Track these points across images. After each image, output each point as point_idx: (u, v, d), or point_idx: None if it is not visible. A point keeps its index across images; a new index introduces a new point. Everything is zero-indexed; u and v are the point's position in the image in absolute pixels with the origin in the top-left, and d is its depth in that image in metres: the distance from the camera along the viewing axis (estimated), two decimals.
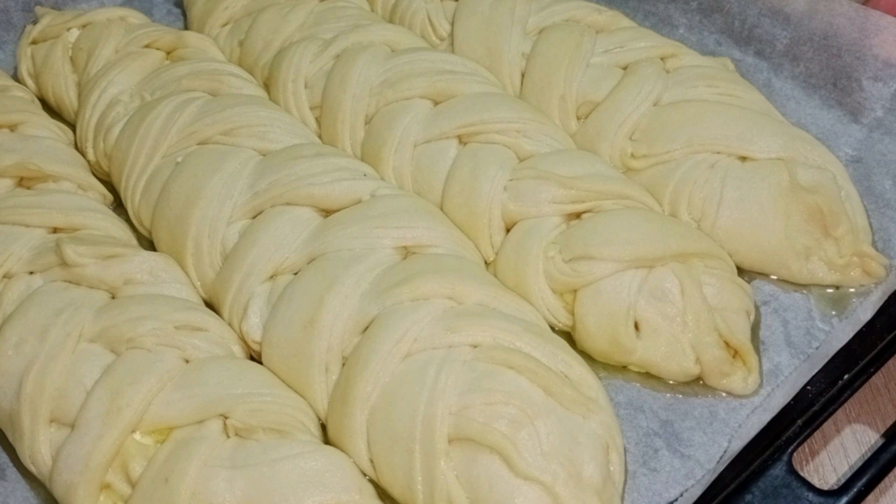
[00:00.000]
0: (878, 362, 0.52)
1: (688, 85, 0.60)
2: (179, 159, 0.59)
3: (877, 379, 0.56)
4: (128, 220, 0.61)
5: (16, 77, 0.72)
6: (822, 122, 0.63)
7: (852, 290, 0.54)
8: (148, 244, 0.60)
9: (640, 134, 0.59)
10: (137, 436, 0.46)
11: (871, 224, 0.56)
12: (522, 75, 0.65)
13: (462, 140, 0.58)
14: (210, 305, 0.55)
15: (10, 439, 0.49)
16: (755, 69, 0.67)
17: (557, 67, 0.62)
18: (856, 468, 0.48)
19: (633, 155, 0.59)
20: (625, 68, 0.62)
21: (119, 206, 0.62)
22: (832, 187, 0.55)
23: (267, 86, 0.68)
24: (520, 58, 0.65)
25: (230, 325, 0.53)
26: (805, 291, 0.54)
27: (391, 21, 0.72)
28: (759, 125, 0.57)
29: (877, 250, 0.55)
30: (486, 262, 0.56)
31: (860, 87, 0.62)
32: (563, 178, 0.54)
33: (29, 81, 0.72)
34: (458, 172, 0.57)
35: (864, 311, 0.53)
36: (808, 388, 0.51)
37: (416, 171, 0.59)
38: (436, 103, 0.61)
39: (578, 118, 0.62)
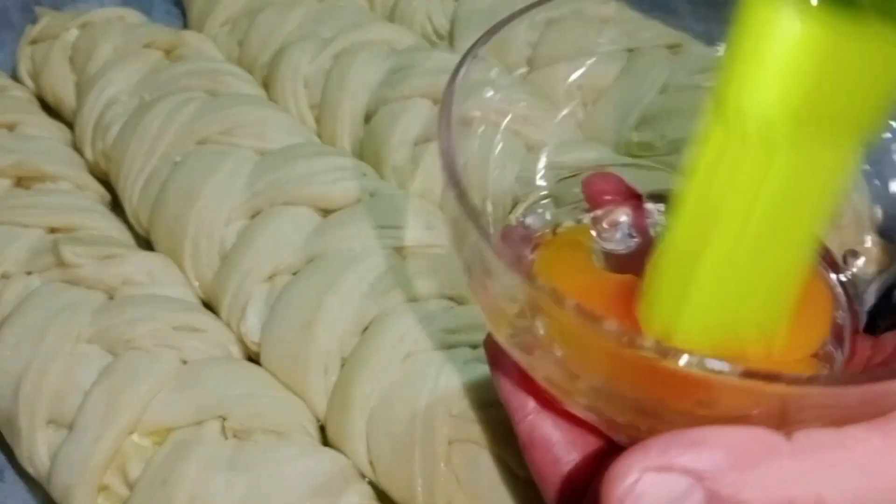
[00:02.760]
0: None
1: (694, 72, 0.60)
2: (178, 159, 0.58)
3: None
4: (126, 221, 0.60)
5: (15, 77, 0.72)
6: None
7: None
8: (146, 244, 0.59)
9: (646, 121, 0.58)
10: (136, 437, 0.45)
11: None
12: None
13: None
14: (208, 306, 0.54)
15: (8, 441, 0.49)
16: None
17: None
18: None
19: (639, 143, 0.58)
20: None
21: (117, 206, 0.62)
22: None
23: (266, 85, 0.67)
24: None
25: (228, 325, 0.52)
26: None
27: (390, 20, 0.72)
28: None
29: (883, 238, 0.54)
30: None
31: None
32: None
33: (28, 81, 0.71)
34: None
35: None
36: None
37: (416, 170, 0.59)
38: (436, 102, 0.60)
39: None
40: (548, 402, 0.28)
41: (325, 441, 0.48)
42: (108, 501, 0.45)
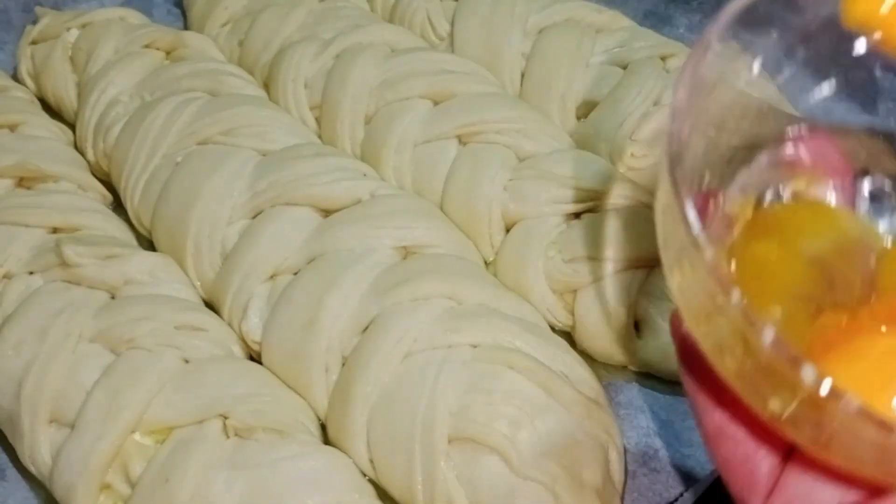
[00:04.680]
0: None
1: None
2: (179, 159, 0.59)
3: None
4: (127, 221, 0.60)
5: (15, 77, 0.72)
6: (835, 115, 0.62)
7: None
8: (148, 244, 0.59)
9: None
10: (137, 436, 0.46)
11: None
12: (522, 75, 0.65)
13: (462, 140, 0.58)
14: (210, 306, 0.55)
15: (10, 439, 0.49)
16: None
17: (558, 67, 0.62)
18: None
19: (633, 154, 0.58)
20: (625, 68, 0.62)
21: (119, 207, 0.62)
22: None
23: (267, 86, 0.67)
24: (520, 58, 0.65)
25: (230, 325, 0.53)
26: None
27: (391, 21, 0.72)
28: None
29: None
30: (486, 262, 0.56)
31: (872, 79, 0.62)
32: (564, 178, 0.54)
33: (29, 82, 0.71)
34: (458, 172, 0.57)
35: None
36: None
37: (415, 171, 0.59)
38: (436, 103, 0.61)
39: (578, 118, 0.62)
40: (735, 400, 0.28)
41: (326, 440, 0.48)
42: (109, 500, 0.46)
